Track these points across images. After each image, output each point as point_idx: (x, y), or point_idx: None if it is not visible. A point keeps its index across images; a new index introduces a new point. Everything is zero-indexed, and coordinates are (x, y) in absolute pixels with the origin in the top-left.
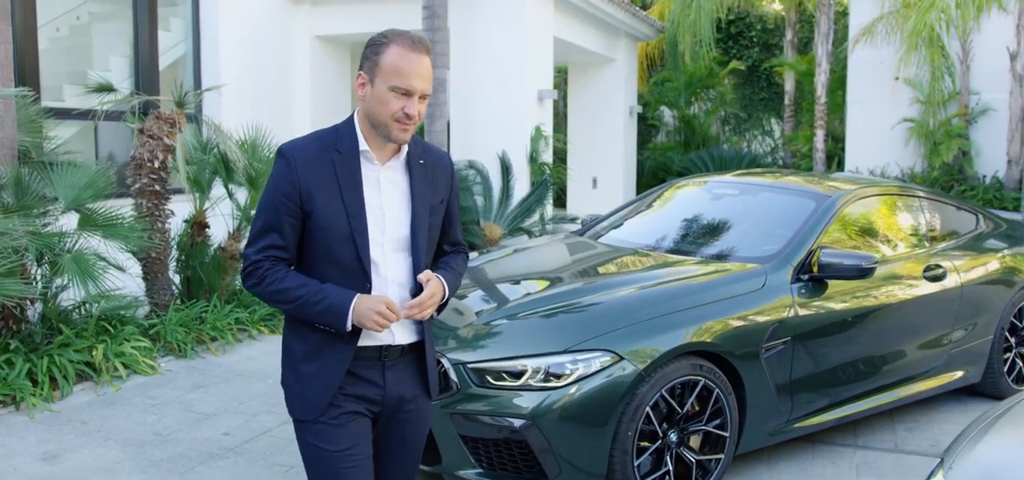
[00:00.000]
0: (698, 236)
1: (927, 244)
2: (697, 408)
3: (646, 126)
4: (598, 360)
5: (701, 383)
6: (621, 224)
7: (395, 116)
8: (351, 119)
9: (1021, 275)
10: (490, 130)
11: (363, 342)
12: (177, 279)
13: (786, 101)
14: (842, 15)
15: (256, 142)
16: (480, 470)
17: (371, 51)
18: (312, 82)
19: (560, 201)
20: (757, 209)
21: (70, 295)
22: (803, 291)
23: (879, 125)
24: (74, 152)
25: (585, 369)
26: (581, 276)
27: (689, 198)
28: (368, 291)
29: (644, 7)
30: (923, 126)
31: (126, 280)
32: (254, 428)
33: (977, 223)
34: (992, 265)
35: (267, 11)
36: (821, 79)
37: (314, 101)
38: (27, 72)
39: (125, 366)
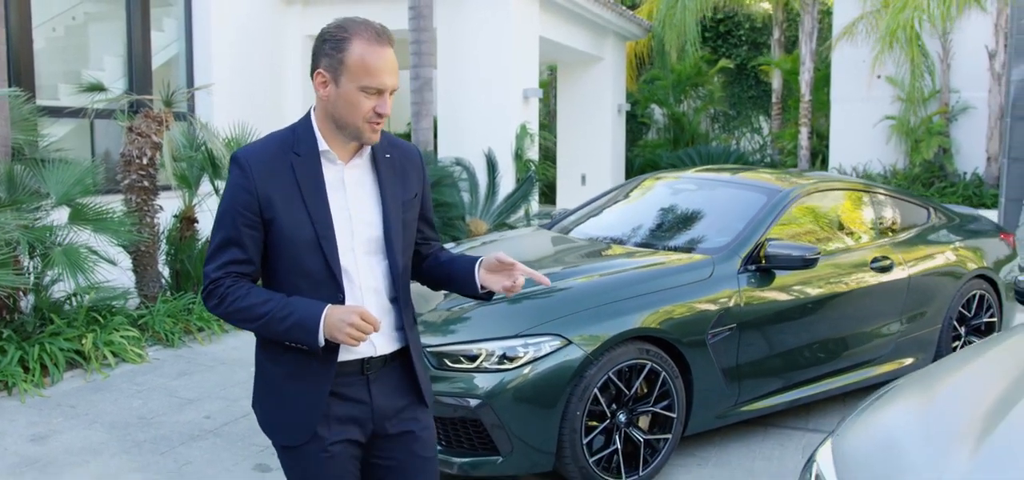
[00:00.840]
0: (656, 229)
1: (876, 237)
2: (645, 390)
3: (637, 124)
4: (548, 344)
5: (648, 367)
6: (586, 218)
7: (367, 117)
8: (308, 118)
9: (969, 267)
10: (476, 128)
11: (342, 357)
12: (166, 272)
13: (773, 99)
14: (826, 14)
15: (241, 140)
16: (438, 448)
17: (331, 47)
18: (303, 81)
19: (549, 197)
20: (713, 203)
21: (62, 287)
22: (752, 281)
23: (862, 123)
24: (66, 149)
25: (535, 352)
26: (541, 266)
27: (652, 193)
28: (341, 301)
29: (632, 7)
30: (904, 124)
31: (117, 273)
32: (234, 412)
33: (928, 217)
34: (941, 257)
35: (259, 11)
36: (805, 78)
37: (305, 100)
38: (22, 71)
39: (114, 354)
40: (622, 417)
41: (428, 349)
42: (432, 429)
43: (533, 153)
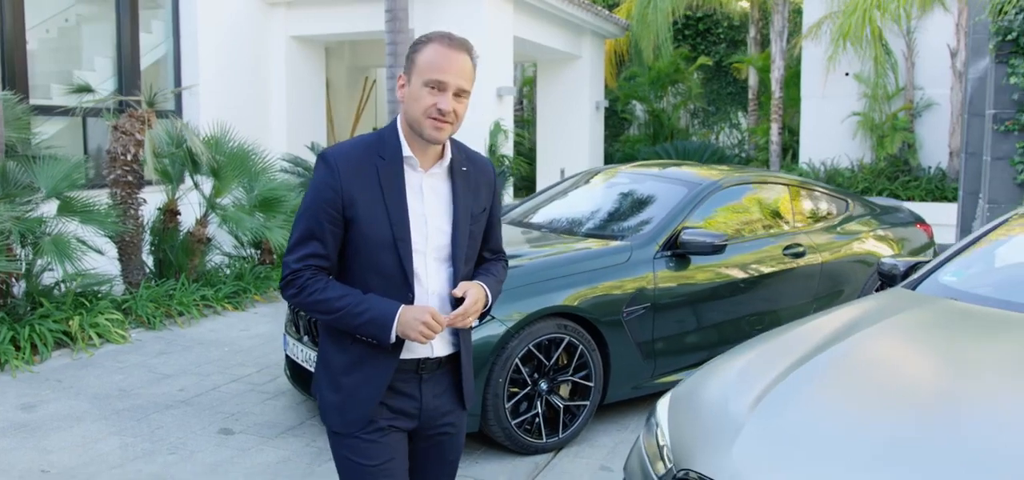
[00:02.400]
0: (588, 219)
1: (793, 226)
2: (565, 361)
3: (618, 119)
4: None
5: (566, 340)
6: (534, 209)
7: (428, 113)
8: (394, 124)
9: (882, 254)
10: None
11: (402, 355)
12: (150, 261)
13: (750, 95)
14: (797, 13)
15: (219, 138)
16: None
17: (411, 51)
18: (287, 80)
19: (531, 190)
20: (643, 195)
21: (52, 274)
22: (669, 265)
23: (830, 119)
24: (57, 147)
25: None
26: None
27: (592, 187)
28: (411, 301)
29: (611, 7)
30: (869, 120)
31: (104, 262)
32: (205, 385)
33: (847, 208)
34: (855, 245)
35: (244, 13)
36: (776, 75)
37: (289, 98)
38: (16, 72)
39: (99, 335)
40: (543, 385)
41: None
42: (464, 432)
43: (507, 148)
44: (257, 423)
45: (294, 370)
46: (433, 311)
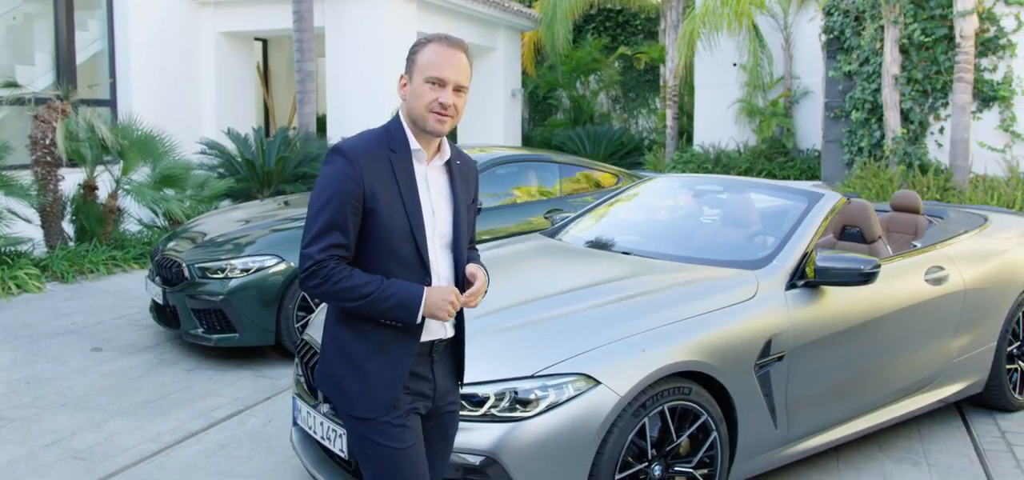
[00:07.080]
0: None
1: (559, 195)
2: None
3: (545, 105)
4: (262, 261)
5: None
6: None
7: (430, 107)
8: (398, 120)
9: None
10: (359, 114)
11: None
12: (71, 228)
13: (661, 83)
14: (691, 7)
15: (127, 125)
16: (203, 328)
17: (411, 53)
18: (217, 72)
19: None
20: None
21: None
22: None
23: (720, 105)
24: None
25: (256, 265)
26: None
27: None
28: (428, 285)
29: (529, 3)
30: (749, 106)
31: (32, 229)
32: (93, 320)
33: (619, 182)
34: None
35: (174, 11)
36: (670, 66)
37: (219, 89)
38: None
39: (17, 286)
40: None
41: (194, 264)
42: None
43: None
44: (122, 344)
45: (155, 307)
46: (455, 291)
